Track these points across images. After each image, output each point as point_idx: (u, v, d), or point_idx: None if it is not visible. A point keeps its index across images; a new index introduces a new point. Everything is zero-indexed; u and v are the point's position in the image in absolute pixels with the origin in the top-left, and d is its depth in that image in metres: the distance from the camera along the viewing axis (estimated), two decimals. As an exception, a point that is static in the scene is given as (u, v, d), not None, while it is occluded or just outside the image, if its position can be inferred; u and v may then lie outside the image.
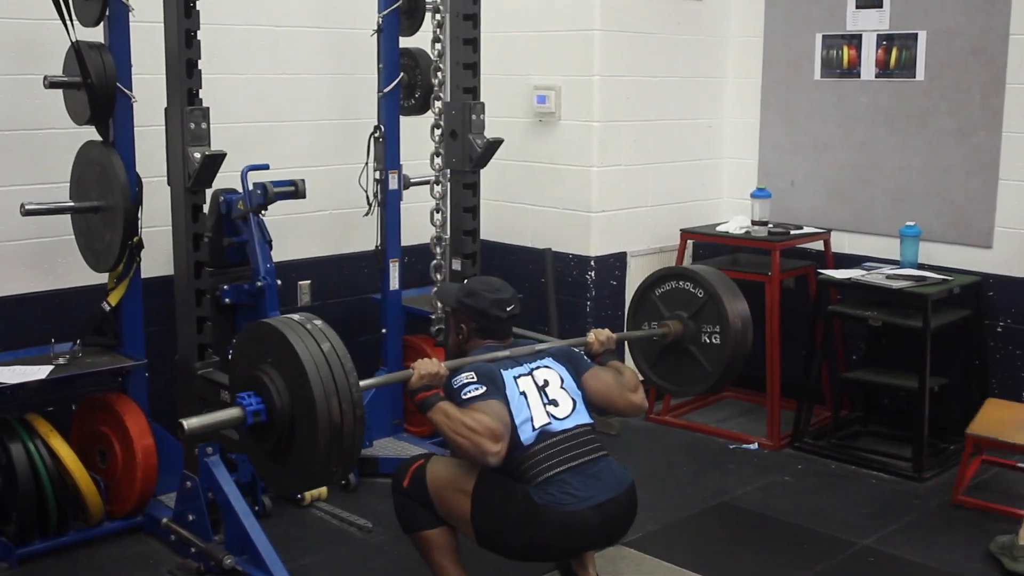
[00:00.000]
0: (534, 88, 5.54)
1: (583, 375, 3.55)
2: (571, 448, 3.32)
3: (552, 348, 3.59)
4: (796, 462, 5.06)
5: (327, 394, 2.74)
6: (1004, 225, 5.04)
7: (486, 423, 3.12)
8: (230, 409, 2.90)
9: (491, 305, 3.51)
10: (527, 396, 3.34)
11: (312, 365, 2.76)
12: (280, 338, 2.84)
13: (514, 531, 3.23)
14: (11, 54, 4.23)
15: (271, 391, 2.86)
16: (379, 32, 4.72)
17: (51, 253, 4.39)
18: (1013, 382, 5.04)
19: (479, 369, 3.31)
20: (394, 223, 4.84)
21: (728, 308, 3.93)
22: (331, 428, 2.74)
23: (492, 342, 3.53)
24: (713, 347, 3.95)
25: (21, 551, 3.89)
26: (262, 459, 3.02)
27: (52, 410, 4.26)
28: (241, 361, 3.04)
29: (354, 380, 2.80)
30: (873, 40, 5.37)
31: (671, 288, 4.08)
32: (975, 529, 4.33)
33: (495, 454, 3.12)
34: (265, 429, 2.90)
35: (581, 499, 3.22)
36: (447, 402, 3.20)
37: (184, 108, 3.68)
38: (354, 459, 2.87)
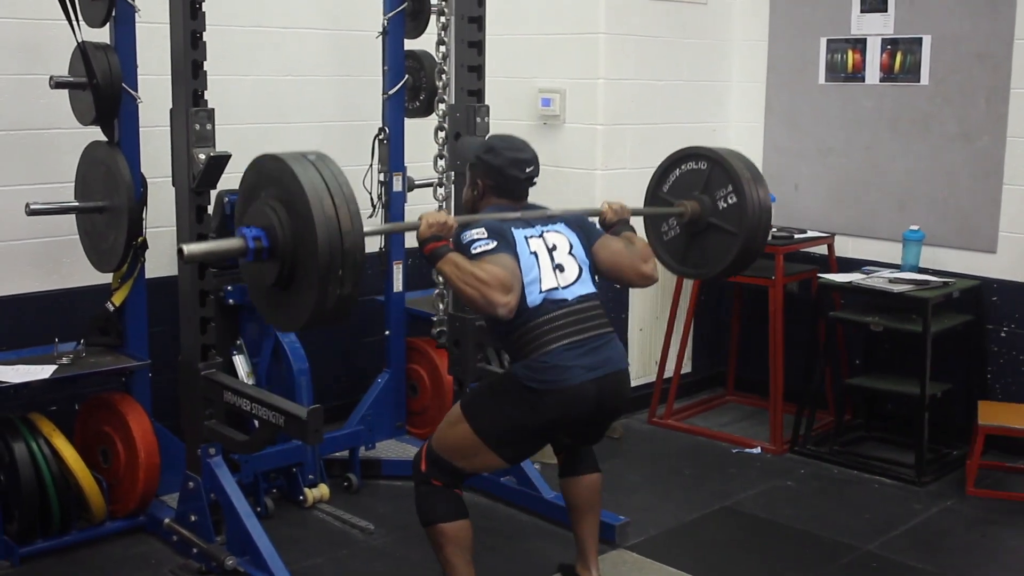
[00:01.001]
0: (539, 91, 5.54)
1: (594, 244, 3.49)
2: (576, 322, 3.30)
3: (566, 215, 3.53)
4: (799, 467, 5.06)
5: (319, 193, 2.76)
6: (1008, 230, 5.03)
7: (496, 273, 3.11)
8: (231, 239, 2.90)
9: (510, 164, 3.46)
10: (537, 256, 3.32)
11: (303, 172, 2.79)
12: (280, 167, 2.86)
13: (518, 417, 3.24)
14: (17, 54, 4.24)
15: (272, 220, 2.85)
16: (384, 34, 4.72)
17: (56, 253, 4.40)
18: (1016, 387, 5.03)
19: (490, 225, 3.27)
20: (398, 225, 4.85)
21: (733, 164, 3.84)
22: (327, 224, 2.74)
23: (506, 202, 3.48)
24: (732, 208, 3.85)
25: (23, 550, 3.90)
26: (269, 296, 2.98)
27: (55, 409, 4.27)
28: (243, 202, 3.04)
29: (344, 180, 2.83)
30: (878, 44, 5.37)
31: (677, 176, 4.00)
32: (978, 534, 4.33)
33: (504, 305, 3.11)
34: (269, 257, 2.87)
35: (578, 371, 3.23)
36: (457, 253, 3.17)
37: (189, 109, 3.69)
38: (358, 262, 2.82)
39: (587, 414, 3.32)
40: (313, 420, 3.35)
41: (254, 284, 3.06)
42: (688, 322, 5.66)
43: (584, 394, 3.25)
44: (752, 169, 3.91)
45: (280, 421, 3.46)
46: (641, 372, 5.76)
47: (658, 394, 5.66)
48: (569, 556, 3.89)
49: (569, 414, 3.27)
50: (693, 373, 6.02)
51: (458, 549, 3.38)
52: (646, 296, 5.70)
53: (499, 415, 3.29)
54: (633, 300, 5.63)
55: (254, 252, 2.86)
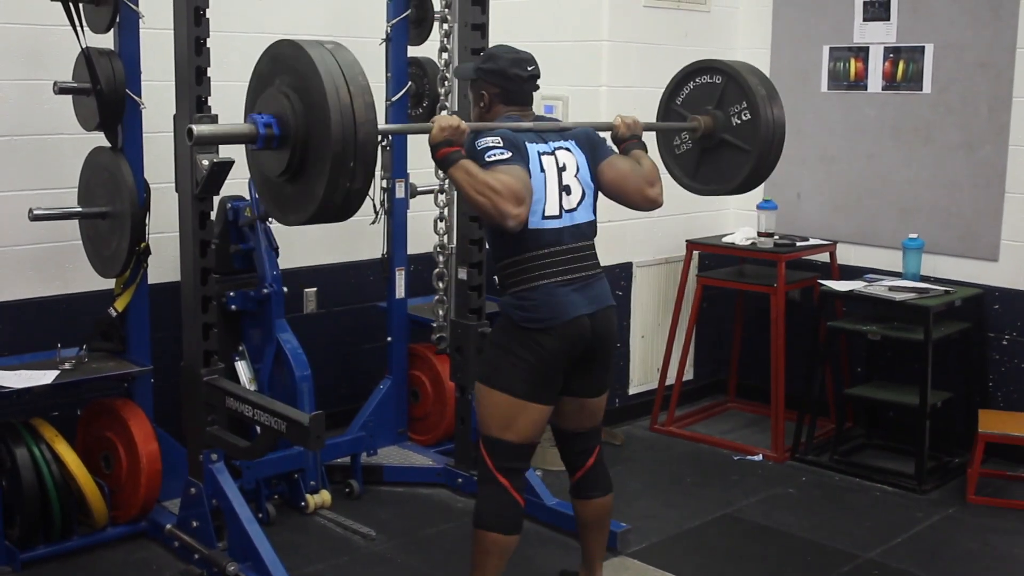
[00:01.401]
0: (541, 98, 5.51)
1: (600, 163, 3.47)
2: (570, 261, 3.33)
3: (577, 129, 3.50)
4: (800, 474, 5.05)
5: (334, 79, 2.67)
6: (1010, 238, 5.03)
7: (509, 183, 3.09)
8: (242, 124, 2.82)
9: (511, 64, 3.43)
10: (546, 176, 3.31)
11: (319, 57, 2.71)
12: (289, 47, 2.80)
13: (530, 356, 3.27)
14: (21, 60, 4.25)
15: (284, 105, 2.77)
16: (387, 41, 4.73)
17: (59, 258, 4.41)
18: (1018, 395, 5.03)
19: (505, 135, 3.25)
20: (400, 232, 4.86)
21: (748, 80, 3.79)
22: (341, 112, 2.65)
23: (515, 109, 3.45)
24: (746, 124, 3.81)
25: (25, 555, 3.90)
26: (278, 188, 2.90)
27: (57, 415, 4.27)
28: (256, 87, 2.95)
29: (360, 70, 2.74)
30: (880, 52, 5.38)
31: (691, 90, 3.95)
32: (978, 542, 4.33)
33: (515, 216, 3.11)
34: (280, 145, 2.79)
35: (569, 308, 3.29)
36: (469, 160, 3.15)
37: (193, 115, 3.70)
38: (371, 154, 2.73)
39: (585, 345, 3.36)
40: (315, 426, 3.35)
41: (261, 174, 2.96)
42: (690, 329, 5.66)
43: (580, 326, 3.31)
44: (767, 86, 3.85)
45: (282, 427, 3.46)
46: (643, 379, 5.76)
47: (660, 401, 5.66)
48: (571, 562, 3.89)
49: (571, 344, 3.32)
50: (695, 380, 6.02)
51: (497, 561, 3.37)
52: (648, 303, 5.70)
53: (511, 361, 3.30)
54: (635, 307, 5.63)
55: (264, 139, 2.78)
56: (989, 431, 4.69)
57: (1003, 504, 4.67)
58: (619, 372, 5.60)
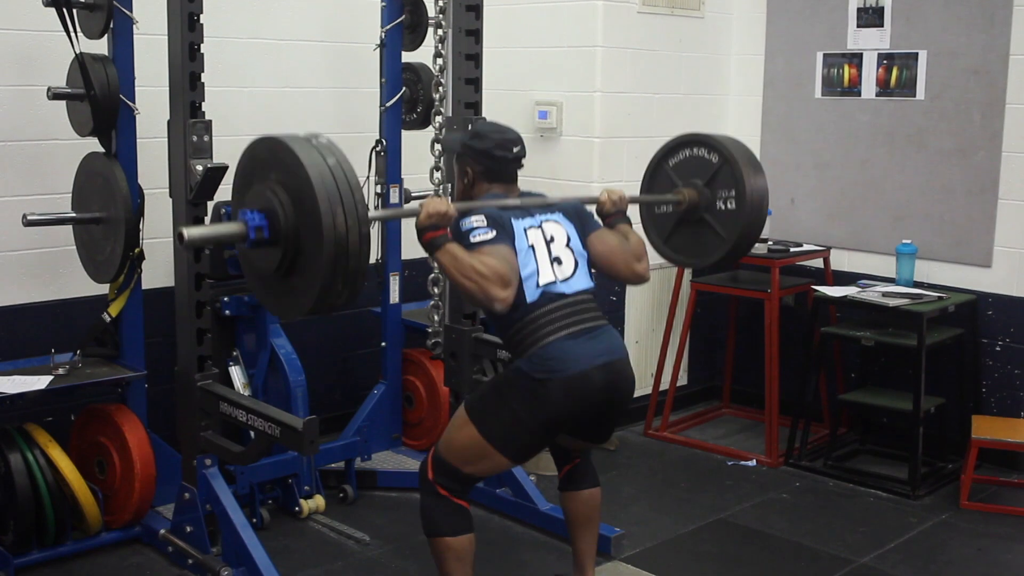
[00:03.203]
0: (536, 104, 5.56)
1: (589, 235, 3.47)
2: (573, 313, 3.29)
3: (563, 203, 3.50)
4: (794, 480, 5.06)
5: (332, 205, 2.64)
6: (1003, 244, 5.05)
7: (495, 267, 3.09)
8: (232, 223, 2.81)
9: (496, 145, 3.44)
10: (535, 249, 3.30)
11: (318, 176, 2.66)
12: (285, 151, 2.74)
13: (524, 414, 3.20)
14: (15, 65, 4.25)
15: (275, 206, 2.75)
16: (382, 47, 4.74)
17: (52, 263, 4.41)
18: (1011, 401, 5.04)
19: (489, 213, 3.24)
20: (395, 237, 4.86)
21: (744, 171, 3.78)
22: (336, 242, 2.64)
23: (499, 187, 3.46)
24: (729, 213, 3.80)
25: (19, 561, 3.89)
26: (264, 283, 2.92)
27: (51, 420, 4.27)
28: (244, 181, 2.93)
29: (360, 196, 2.70)
30: (874, 59, 5.39)
31: (686, 157, 3.93)
32: (972, 548, 4.33)
33: (502, 299, 3.10)
34: (269, 246, 2.79)
35: (581, 359, 3.20)
36: (455, 244, 3.15)
37: (187, 120, 3.70)
38: (359, 281, 2.74)
39: (594, 404, 3.29)
40: (309, 431, 3.35)
41: (252, 269, 2.98)
42: (684, 334, 5.67)
43: (591, 381, 3.22)
44: (759, 179, 3.84)
45: (276, 432, 3.46)
46: (637, 384, 5.72)
47: (654, 406, 5.66)
48: (564, 567, 3.89)
49: (576, 404, 3.24)
50: (689, 385, 6.02)
51: (460, 563, 3.36)
52: (642, 308, 5.71)
53: (505, 413, 3.24)
54: (629, 312, 5.64)
55: (254, 241, 2.79)
56: (982, 437, 4.71)
57: (996, 510, 4.68)
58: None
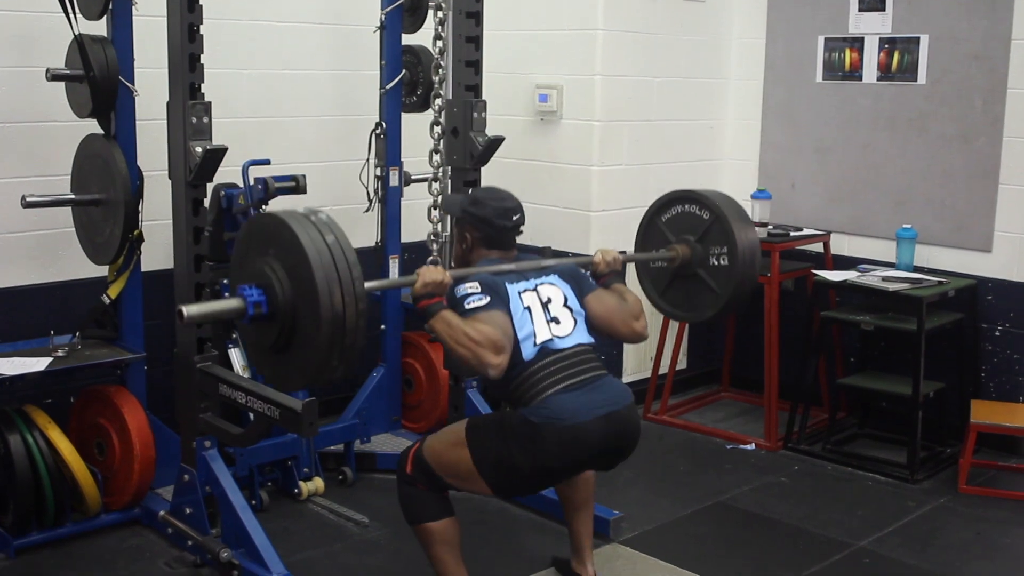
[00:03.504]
0: (536, 87, 5.55)
1: (586, 296, 3.49)
2: (571, 366, 3.29)
3: (558, 266, 3.53)
4: (792, 463, 5.07)
5: (329, 284, 2.68)
6: (1004, 229, 5.04)
7: (488, 333, 3.10)
8: (231, 300, 2.85)
9: (496, 214, 3.46)
10: (531, 311, 3.31)
11: (316, 254, 2.70)
12: (283, 228, 2.77)
13: (519, 458, 3.19)
14: (14, 47, 4.24)
15: (273, 281, 2.79)
16: (382, 29, 4.73)
17: (52, 245, 4.40)
18: (1010, 386, 5.05)
19: (483, 280, 3.27)
20: (394, 220, 4.86)
21: (734, 227, 3.83)
22: (333, 319, 2.68)
23: (497, 252, 3.49)
24: (722, 269, 3.86)
25: (19, 542, 3.90)
26: (262, 355, 2.96)
27: (51, 402, 4.27)
28: (242, 254, 2.97)
29: (357, 273, 2.74)
30: (875, 43, 5.38)
31: (678, 212, 3.98)
32: (970, 531, 4.34)
33: (496, 366, 3.10)
34: (267, 321, 2.83)
35: (580, 412, 3.19)
36: (450, 311, 3.17)
37: (186, 102, 3.69)
38: (355, 356, 2.78)
39: (593, 456, 3.31)
40: (308, 413, 3.34)
41: (251, 342, 3.06)
42: (684, 319, 5.66)
43: (590, 433, 3.21)
44: (750, 234, 3.90)
45: (275, 414, 3.46)
46: (636, 368, 5.77)
47: (653, 390, 5.66)
48: (562, 549, 3.90)
49: (572, 456, 3.23)
50: (688, 369, 6.03)
51: (447, 547, 3.38)
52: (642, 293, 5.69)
53: (502, 452, 3.23)
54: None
55: (252, 317, 2.85)
56: (981, 421, 4.71)
57: (994, 494, 4.69)
58: (613, 361, 5.60)
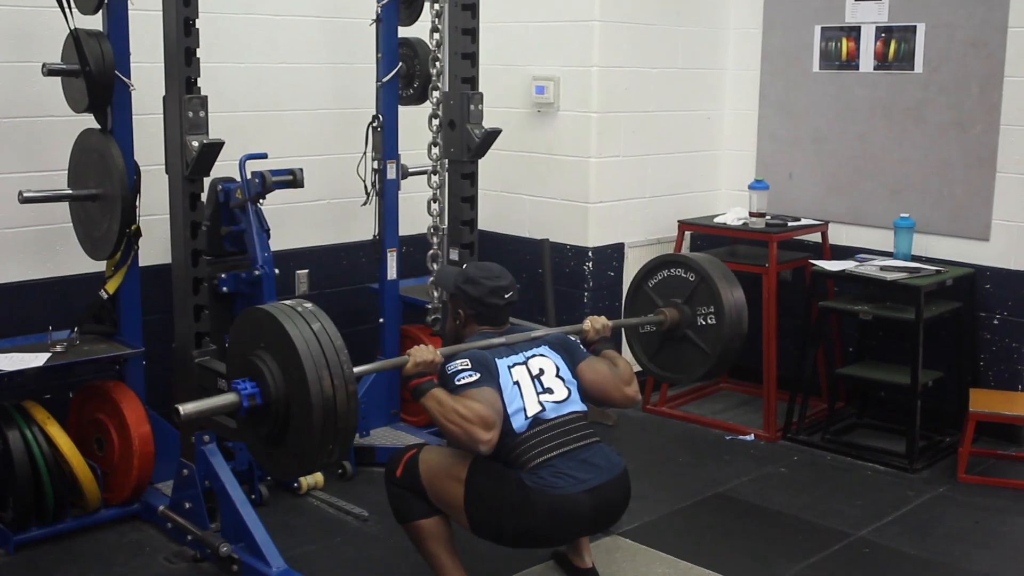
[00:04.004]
0: (533, 78, 5.54)
1: (578, 364, 3.56)
2: (563, 434, 3.34)
3: (548, 336, 3.60)
4: (792, 454, 5.07)
5: (318, 369, 2.80)
6: (1001, 218, 5.04)
7: (478, 411, 3.15)
8: (226, 395, 2.96)
9: (489, 293, 3.52)
10: (520, 386, 3.37)
11: (303, 343, 2.82)
12: (271, 321, 2.90)
13: (506, 516, 3.25)
14: (9, 41, 4.23)
15: (265, 374, 2.91)
16: (378, 22, 4.71)
17: (49, 240, 4.40)
18: (1009, 374, 5.05)
19: (473, 356, 3.33)
20: (392, 213, 4.85)
21: (720, 286, 3.92)
22: (324, 404, 2.78)
23: (489, 328, 3.55)
24: (710, 328, 3.94)
25: (18, 537, 3.90)
26: (260, 445, 3.06)
27: (50, 397, 4.26)
28: (236, 349, 3.09)
29: (345, 357, 2.86)
30: (872, 32, 5.37)
31: (664, 277, 4.07)
32: (969, 520, 4.35)
33: (486, 442, 3.16)
34: (261, 413, 2.94)
35: (573, 483, 3.25)
36: (440, 389, 3.24)
37: (182, 96, 3.69)
38: (349, 438, 2.90)
39: (582, 528, 3.39)
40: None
41: (248, 434, 3.12)
42: (682, 310, 5.66)
43: (578, 505, 3.25)
44: (736, 293, 3.96)
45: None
46: (635, 360, 5.76)
47: (652, 381, 5.66)
48: (562, 543, 3.90)
49: (560, 525, 3.29)
50: (687, 361, 6.02)
51: (438, 542, 3.41)
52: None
53: (494, 507, 3.27)
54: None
55: (247, 410, 2.93)
56: (980, 410, 4.72)
57: (993, 482, 4.69)
58: (611, 353, 5.60)
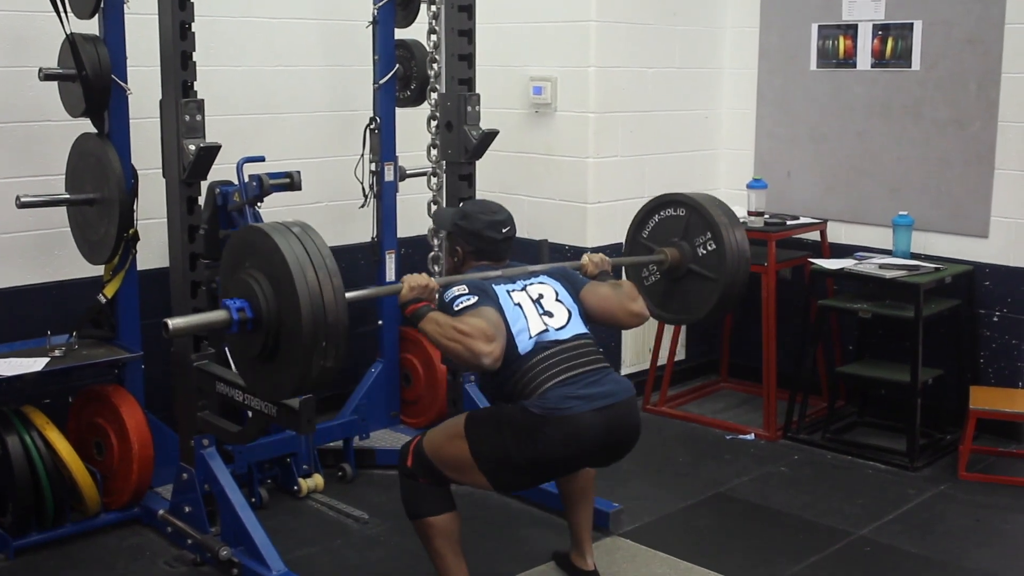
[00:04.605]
0: (530, 79, 5.53)
1: (580, 291, 3.50)
2: (571, 358, 3.27)
3: (546, 268, 3.55)
4: (792, 453, 5.07)
5: (302, 266, 2.76)
6: (1000, 215, 5.04)
7: (477, 325, 3.10)
8: (215, 311, 2.90)
9: (487, 226, 3.48)
10: (522, 307, 3.31)
11: (291, 254, 2.79)
12: (259, 235, 2.87)
13: (517, 451, 3.17)
14: (6, 46, 4.23)
15: (255, 290, 2.85)
16: (375, 23, 4.72)
17: (47, 245, 4.39)
18: (1009, 371, 5.05)
19: (471, 282, 3.29)
20: (390, 215, 4.85)
21: (711, 211, 3.86)
22: (310, 297, 2.74)
23: (487, 263, 3.50)
24: (711, 254, 3.86)
25: (18, 543, 3.90)
26: (254, 367, 2.99)
27: (49, 402, 4.26)
28: (226, 273, 3.03)
29: (327, 253, 2.82)
30: (869, 30, 5.37)
31: (656, 222, 4.01)
32: (970, 518, 4.34)
33: (489, 354, 3.08)
34: (253, 330, 2.87)
35: (581, 402, 3.17)
36: (438, 312, 3.19)
37: (179, 100, 3.68)
38: (341, 338, 2.80)
39: (592, 451, 3.26)
40: (305, 410, 3.34)
41: (238, 355, 3.08)
42: (681, 309, 5.66)
43: (589, 426, 3.17)
44: (729, 214, 3.92)
45: (272, 411, 3.46)
46: (635, 360, 5.76)
47: (652, 381, 5.66)
48: (562, 543, 3.90)
49: (572, 449, 3.19)
50: (687, 360, 6.03)
51: (447, 541, 3.37)
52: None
53: (499, 445, 3.21)
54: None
55: (238, 324, 2.87)
56: (980, 407, 4.72)
57: (994, 480, 4.69)
58: (611, 353, 5.60)
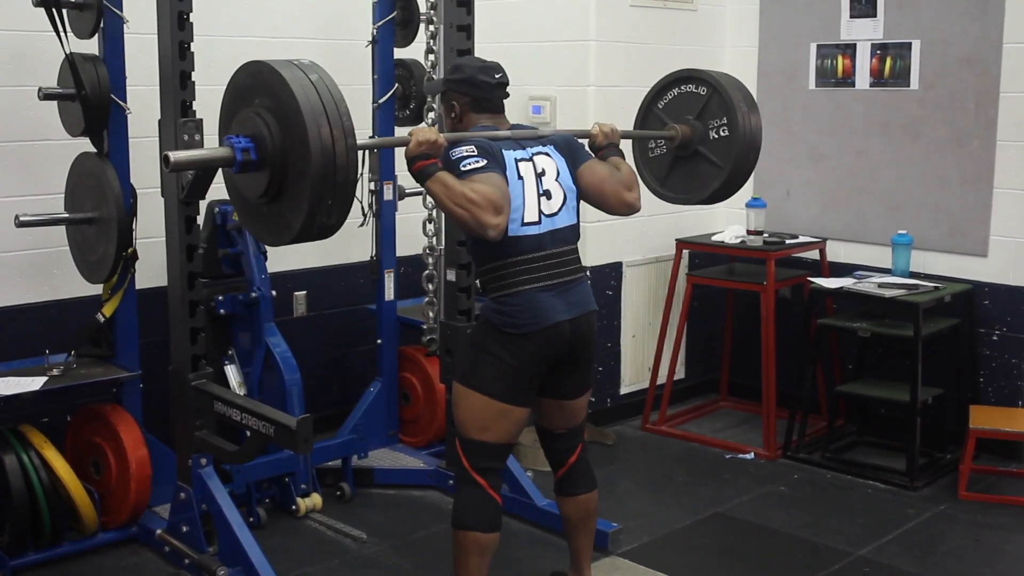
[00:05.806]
0: (529, 99, 5.54)
1: (580, 167, 3.48)
2: (550, 267, 3.34)
3: (555, 135, 3.51)
4: (792, 472, 5.06)
5: (316, 117, 2.63)
6: (999, 234, 5.04)
7: (487, 193, 3.09)
8: (219, 148, 2.79)
9: (478, 71, 3.45)
10: (524, 183, 3.31)
11: (302, 92, 2.65)
12: (266, 70, 2.73)
13: (508, 357, 3.29)
14: (5, 66, 4.24)
15: (260, 127, 2.74)
16: (374, 43, 4.73)
17: (45, 264, 4.39)
18: (1009, 390, 5.04)
19: (480, 143, 3.25)
20: (389, 233, 4.85)
21: (733, 96, 3.78)
22: (323, 151, 2.63)
23: (487, 118, 3.46)
24: (721, 140, 3.81)
25: (15, 562, 3.89)
26: (257, 209, 2.89)
27: (46, 421, 4.25)
28: (229, 110, 2.89)
29: (344, 109, 2.69)
30: (867, 49, 5.38)
31: (675, 96, 3.94)
32: (971, 538, 4.33)
33: (495, 226, 3.10)
34: (257, 168, 2.76)
35: (549, 314, 3.29)
36: (446, 172, 3.15)
37: (177, 120, 3.69)
38: (348, 196, 2.72)
39: (565, 349, 3.38)
40: (302, 430, 3.34)
41: (238, 195, 2.96)
42: (680, 328, 5.66)
43: (559, 333, 3.32)
44: (749, 102, 3.84)
45: (270, 431, 3.46)
46: (634, 378, 5.76)
47: (651, 400, 5.65)
48: (562, 563, 3.89)
49: (548, 351, 3.34)
50: (686, 379, 6.02)
51: (481, 560, 3.37)
52: (639, 303, 5.70)
53: (491, 364, 3.31)
54: (626, 306, 5.63)
55: (241, 164, 2.76)
56: (980, 427, 4.71)
57: (995, 500, 4.67)
58: (610, 372, 5.60)
